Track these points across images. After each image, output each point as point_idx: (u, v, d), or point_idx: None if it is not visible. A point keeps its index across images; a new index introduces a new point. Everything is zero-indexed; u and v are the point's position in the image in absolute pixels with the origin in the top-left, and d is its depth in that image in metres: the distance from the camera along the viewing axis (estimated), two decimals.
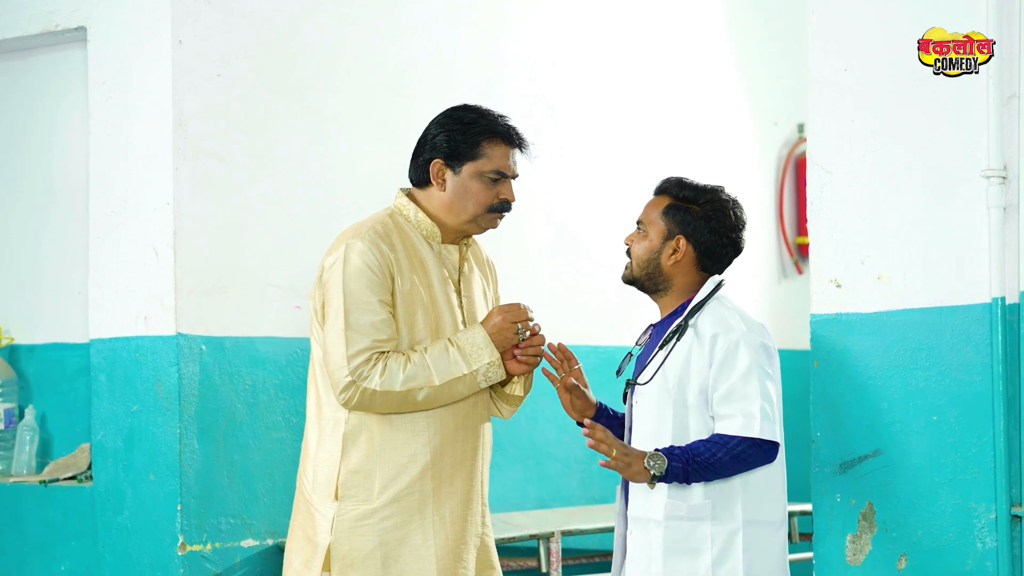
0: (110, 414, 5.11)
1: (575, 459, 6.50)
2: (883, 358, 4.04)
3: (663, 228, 3.92)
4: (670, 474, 3.71)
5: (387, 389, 3.81)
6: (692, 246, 3.90)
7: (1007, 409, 3.88)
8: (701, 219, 3.90)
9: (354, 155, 5.54)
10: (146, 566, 5.00)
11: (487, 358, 3.89)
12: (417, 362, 3.84)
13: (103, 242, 5.15)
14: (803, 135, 7.61)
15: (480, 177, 3.95)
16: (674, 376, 3.80)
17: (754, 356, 3.75)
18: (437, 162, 3.97)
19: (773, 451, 3.74)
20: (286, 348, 5.24)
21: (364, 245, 3.86)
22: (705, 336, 3.80)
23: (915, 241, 4.02)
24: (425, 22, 5.92)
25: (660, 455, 3.72)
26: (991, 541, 3.88)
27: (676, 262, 3.91)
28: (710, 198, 3.91)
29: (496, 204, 3.98)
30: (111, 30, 5.17)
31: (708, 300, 3.87)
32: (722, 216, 3.91)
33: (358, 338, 3.82)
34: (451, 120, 3.99)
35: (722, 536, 3.76)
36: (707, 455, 3.70)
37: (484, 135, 3.96)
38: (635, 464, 3.75)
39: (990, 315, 3.89)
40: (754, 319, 3.87)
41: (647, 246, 3.95)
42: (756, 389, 3.72)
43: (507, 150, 3.98)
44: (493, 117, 4.00)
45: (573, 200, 6.60)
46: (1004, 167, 3.91)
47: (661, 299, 3.98)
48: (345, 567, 3.89)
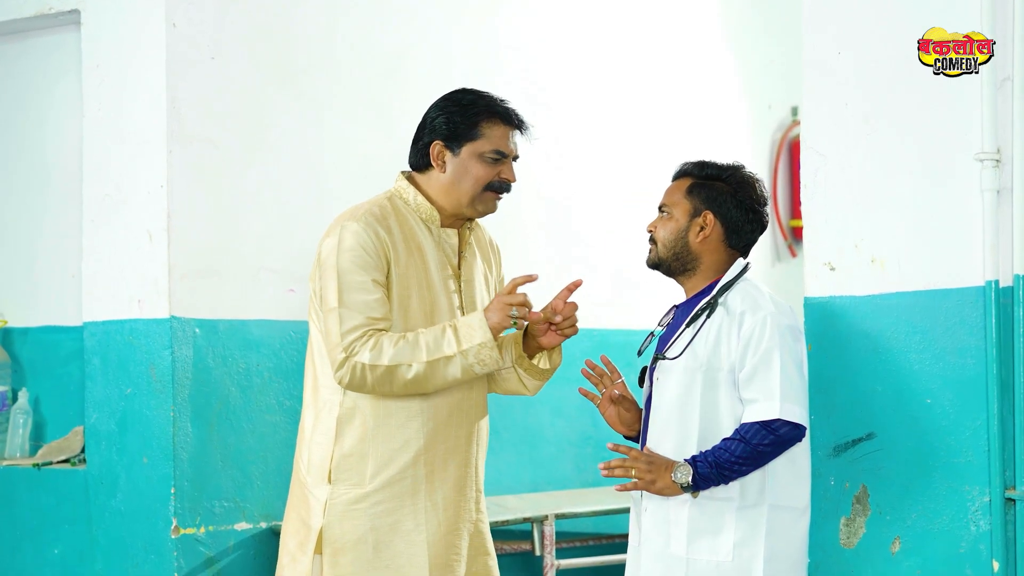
0: (104, 397, 5.11)
1: (569, 442, 6.51)
2: (877, 341, 4.04)
3: (688, 206, 3.89)
4: (703, 479, 3.70)
5: (375, 363, 3.79)
6: (720, 221, 3.88)
7: (1001, 392, 3.88)
8: (727, 194, 3.87)
9: (348, 140, 5.53)
10: (140, 549, 5.01)
11: (478, 339, 3.84)
12: (410, 340, 3.83)
13: (97, 225, 5.15)
14: (797, 118, 7.61)
15: (480, 157, 3.95)
16: (704, 354, 3.77)
17: (781, 336, 3.74)
18: (437, 144, 3.97)
19: (796, 431, 3.73)
20: (280, 331, 5.24)
21: (359, 226, 3.86)
22: (735, 313, 3.78)
23: (909, 224, 4.02)
24: (419, 6, 5.92)
25: (685, 464, 3.71)
26: (985, 524, 3.89)
27: (705, 238, 3.88)
28: (733, 174, 3.90)
29: (495, 183, 3.98)
30: (105, 13, 5.16)
31: (737, 280, 3.86)
32: (748, 190, 3.89)
33: (351, 315, 3.82)
34: (450, 102, 4.00)
35: (747, 519, 3.75)
36: (730, 455, 3.68)
37: (483, 115, 3.95)
38: (661, 479, 3.74)
39: (984, 298, 3.89)
40: (782, 301, 3.86)
41: (673, 227, 3.90)
42: (778, 370, 3.70)
43: (506, 130, 3.98)
44: (492, 98, 4.00)
45: (567, 183, 6.60)
46: (998, 150, 3.90)
47: (688, 280, 3.94)
48: (336, 550, 3.89)
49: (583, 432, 6.52)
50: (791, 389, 3.71)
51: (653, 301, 6.19)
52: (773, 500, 3.78)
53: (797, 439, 3.73)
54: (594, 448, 6.53)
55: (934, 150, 3.99)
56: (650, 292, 6.33)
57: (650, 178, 5.71)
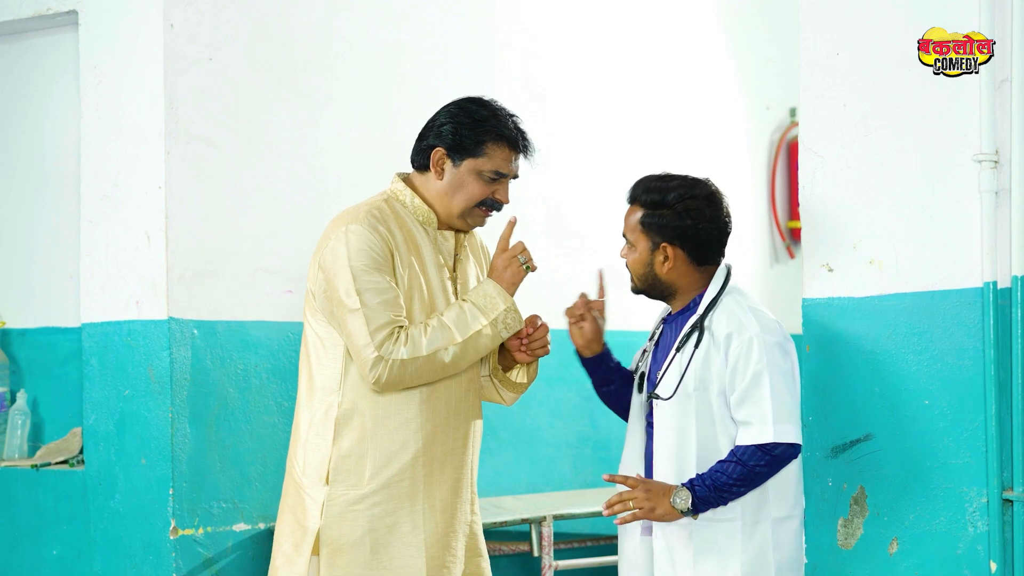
0: (102, 398, 5.11)
1: (567, 443, 6.51)
2: (875, 342, 4.04)
3: (647, 241, 3.92)
4: (702, 502, 3.71)
5: (414, 355, 3.82)
6: (680, 248, 3.89)
7: (999, 393, 3.88)
8: (676, 219, 3.88)
9: (345, 139, 5.53)
10: (138, 550, 5.00)
11: (502, 305, 3.91)
12: (435, 326, 3.86)
13: (95, 226, 5.15)
14: (795, 119, 7.61)
15: (478, 175, 3.96)
16: (693, 383, 3.81)
17: (768, 356, 3.75)
18: (439, 151, 3.97)
19: (792, 450, 3.75)
20: (278, 332, 5.24)
21: (363, 228, 3.87)
22: (720, 337, 3.80)
23: (907, 225, 4.02)
24: (416, 5, 5.91)
25: (683, 489, 3.72)
26: (982, 525, 3.89)
27: (671, 268, 3.90)
28: (677, 196, 3.88)
29: (488, 200, 3.98)
30: (102, 14, 5.16)
31: (721, 296, 3.86)
32: (695, 211, 3.88)
33: (376, 315, 3.83)
34: (462, 112, 3.99)
35: (754, 537, 3.77)
36: (728, 477, 3.70)
37: (491, 135, 3.95)
38: (660, 506, 3.74)
39: (982, 299, 3.89)
40: (769, 316, 3.87)
41: (638, 259, 3.95)
42: (768, 392, 3.73)
43: (511, 154, 3.99)
44: (503, 117, 3.98)
45: (564, 185, 6.60)
46: (996, 151, 3.90)
47: (672, 301, 4.00)
48: (333, 551, 3.89)
49: (581, 433, 6.52)
50: (783, 409, 3.73)
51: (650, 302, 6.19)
52: (775, 514, 3.81)
53: (793, 456, 3.78)
54: (592, 449, 6.53)
55: (932, 151, 3.99)
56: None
57: None
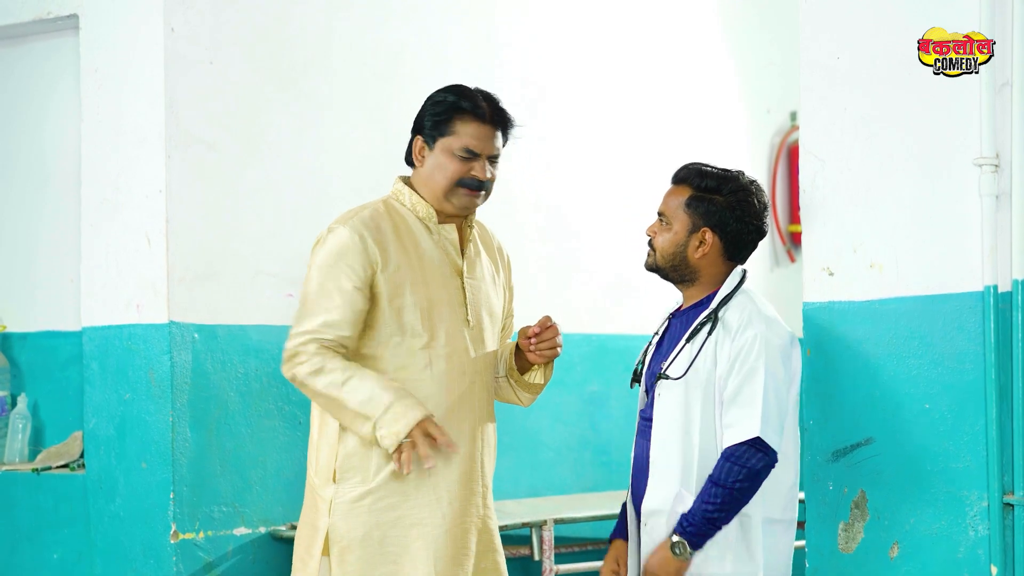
0: (102, 402, 5.11)
1: (568, 447, 6.50)
2: (875, 346, 4.04)
3: (687, 221, 3.87)
4: (698, 537, 3.71)
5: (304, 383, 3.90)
6: (719, 237, 3.87)
7: (999, 397, 3.88)
8: (726, 209, 3.85)
9: (346, 141, 5.53)
10: (138, 554, 5.00)
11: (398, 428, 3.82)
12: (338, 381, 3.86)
13: (95, 229, 5.15)
14: (796, 123, 7.60)
15: (450, 154, 3.95)
16: (704, 372, 3.79)
17: (767, 357, 3.74)
18: (417, 139, 4.02)
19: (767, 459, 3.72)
20: (278, 336, 5.21)
21: (345, 231, 3.90)
22: (732, 328, 3.79)
23: (907, 229, 4.02)
24: (416, 6, 5.91)
25: (678, 538, 3.71)
26: (983, 529, 3.89)
27: (704, 255, 3.87)
28: (733, 187, 3.87)
29: (467, 179, 3.96)
30: (103, 17, 5.16)
31: (735, 293, 3.86)
32: (747, 204, 3.87)
33: (308, 318, 3.90)
34: (430, 99, 4.03)
35: (744, 536, 3.76)
36: (711, 505, 3.69)
37: (455, 112, 3.96)
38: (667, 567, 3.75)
39: (983, 303, 3.89)
40: (779, 321, 3.85)
41: (672, 239, 3.89)
42: (760, 390, 3.72)
43: (481, 128, 3.96)
44: (468, 95, 3.98)
45: (564, 185, 6.59)
46: (996, 155, 3.90)
47: (686, 288, 3.95)
48: (343, 548, 3.89)
49: (582, 437, 6.51)
50: (769, 413, 3.72)
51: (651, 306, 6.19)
52: (766, 513, 3.80)
53: (769, 466, 3.73)
54: (593, 453, 6.53)
55: (933, 154, 3.99)
56: (648, 297, 6.32)
57: (648, 182, 5.71)
